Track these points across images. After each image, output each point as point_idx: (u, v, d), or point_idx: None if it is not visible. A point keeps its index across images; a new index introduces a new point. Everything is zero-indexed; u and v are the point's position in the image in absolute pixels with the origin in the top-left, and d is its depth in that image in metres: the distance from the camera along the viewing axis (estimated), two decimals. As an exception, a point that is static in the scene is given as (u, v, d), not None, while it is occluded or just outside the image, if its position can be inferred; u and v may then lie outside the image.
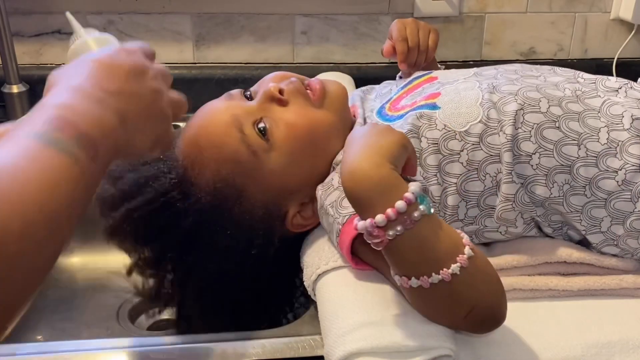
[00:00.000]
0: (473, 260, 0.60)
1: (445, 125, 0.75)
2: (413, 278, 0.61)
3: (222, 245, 0.76)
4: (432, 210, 0.60)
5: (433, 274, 0.59)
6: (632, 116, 0.73)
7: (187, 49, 1.31)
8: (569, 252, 0.74)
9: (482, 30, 1.39)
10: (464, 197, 0.74)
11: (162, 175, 0.76)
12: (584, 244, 0.77)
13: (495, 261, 0.73)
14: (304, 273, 0.78)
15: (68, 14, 0.73)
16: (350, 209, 0.69)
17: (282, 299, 0.85)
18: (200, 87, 1.31)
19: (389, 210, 0.59)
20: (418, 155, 0.74)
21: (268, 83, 0.79)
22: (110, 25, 1.28)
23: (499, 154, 0.73)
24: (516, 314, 0.70)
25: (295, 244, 0.81)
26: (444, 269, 0.59)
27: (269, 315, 0.83)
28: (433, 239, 0.60)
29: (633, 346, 0.66)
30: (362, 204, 0.62)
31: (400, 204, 0.59)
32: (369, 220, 0.60)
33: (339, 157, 0.79)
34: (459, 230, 0.63)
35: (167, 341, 0.73)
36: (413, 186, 0.60)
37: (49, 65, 1.29)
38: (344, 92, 0.84)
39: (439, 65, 1.06)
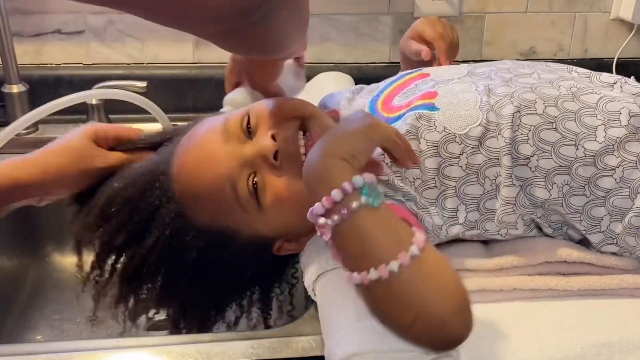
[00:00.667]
0: (419, 261, 0.57)
1: (445, 128, 0.74)
2: (355, 273, 0.58)
3: (210, 270, 0.77)
4: (377, 203, 0.58)
5: (372, 269, 0.57)
6: (629, 112, 0.73)
7: (187, 49, 1.31)
8: (569, 252, 0.74)
9: (482, 30, 1.39)
10: (463, 201, 0.74)
11: (158, 209, 0.76)
12: (584, 243, 0.77)
13: (496, 261, 0.73)
14: (304, 273, 0.78)
15: None
16: None
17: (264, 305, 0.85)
18: (200, 87, 1.31)
19: (324, 199, 0.59)
20: None
21: (267, 127, 0.74)
22: (110, 25, 1.28)
23: (498, 157, 0.73)
24: (516, 314, 0.70)
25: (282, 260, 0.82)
26: (382, 265, 0.56)
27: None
28: (374, 232, 0.58)
29: (633, 346, 0.66)
30: (309, 192, 0.62)
31: (335, 192, 0.58)
32: (310, 209, 0.60)
33: None
34: (415, 229, 0.60)
35: (167, 341, 0.73)
36: (356, 177, 0.59)
37: (49, 65, 1.29)
38: None
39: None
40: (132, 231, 0.76)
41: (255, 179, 0.73)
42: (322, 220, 0.59)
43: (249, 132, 0.75)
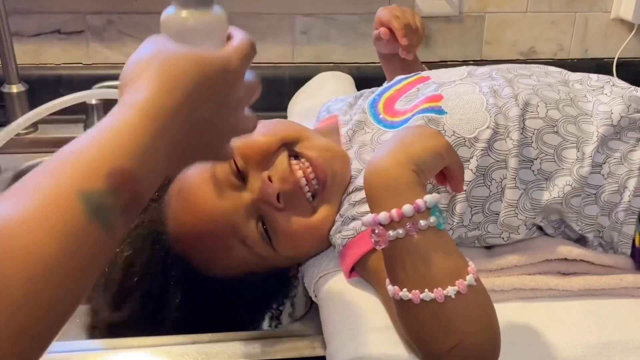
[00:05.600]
0: (473, 290, 0.57)
1: (454, 132, 0.73)
2: (405, 290, 0.58)
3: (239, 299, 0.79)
4: (443, 227, 0.58)
5: (426, 290, 0.57)
6: (619, 113, 0.75)
7: (187, 49, 1.31)
8: (569, 249, 0.74)
9: (482, 30, 1.39)
10: (470, 204, 0.74)
11: (167, 272, 0.75)
12: (581, 243, 0.77)
13: (496, 260, 0.73)
14: (304, 275, 0.78)
15: None
16: (348, 231, 0.72)
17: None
18: (200, 87, 1.31)
19: (394, 211, 0.57)
20: None
21: (258, 164, 0.72)
22: (110, 25, 1.27)
23: (505, 159, 0.73)
24: (516, 314, 0.70)
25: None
26: (439, 289, 0.57)
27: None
28: (435, 254, 0.58)
29: (633, 346, 0.66)
30: (373, 198, 0.61)
31: (407, 208, 0.57)
32: (373, 215, 0.59)
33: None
34: (468, 259, 0.60)
35: (167, 341, 0.73)
36: (429, 196, 0.58)
37: (48, 65, 1.29)
38: (348, 173, 0.77)
39: (423, 66, 1.06)
40: (151, 293, 0.76)
41: (265, 226, 0.72)
42: (381, 229, 0.59)
43: (241, 175, 0.72)
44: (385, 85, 0.90)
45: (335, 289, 0.73)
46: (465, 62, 1.39)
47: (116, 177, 0.41)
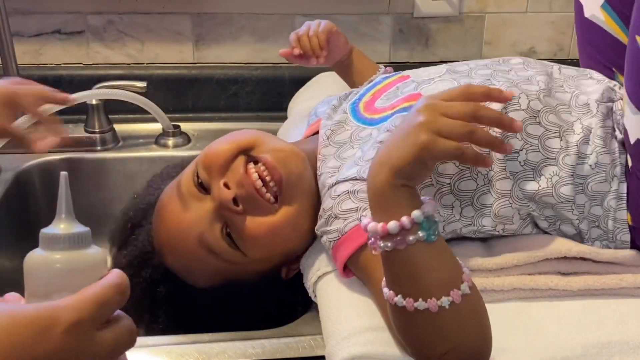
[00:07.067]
0: (467, 299, 0.58)
1: None
2: (400, 296, 0.59)
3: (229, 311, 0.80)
4: (433, 238, 0.58)
5: (420, 299, 0.57)
6: (596, 100, 0.77)
7: (187, 49, 1.31)
8: (568, 247, 0.74)
9: (482, 30, 1.39)
10: (457, 197, 0.74)
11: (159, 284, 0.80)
12: (578, 240, 0.77)
13: (496, 260, 0.73)
14: (304, 274, 0.78)
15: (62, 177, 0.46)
16: (334, 227, 0.72)
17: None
18: (200, 87, 1.31)
19: (380, 226, 0.58)
20: None
21: (216, 175, 0.75)
22: (110, 25, 1.28)
23: (489, 151, 0.73)
24: (516, 314, 0.70)
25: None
26: (433, 299, 0.57)
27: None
28: (427, 266, 0.58)
29: (633, 346, 0.66)
30: (370, 205, 0.62)
31: (392, 225, 0.57)
32: (366, 221, 0.60)
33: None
34: (462, 264, 0.61)
35: (167, 341, 0.73)
36: (416, 212, 0.57)
37: (48, 65, 1.29)
38: (304, 168, 0.79)
39: (379, 66, 1.09)
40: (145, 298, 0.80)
41: (228, 230, 0.74)
42: (374, 240, 0.60)
43: (203, 188, 0.76)
44: (367, 85, 0.91)
45: (334, 288, 0.73)
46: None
47: None
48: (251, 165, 0.76)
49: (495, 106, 0.74)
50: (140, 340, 0.73)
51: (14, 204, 1.09)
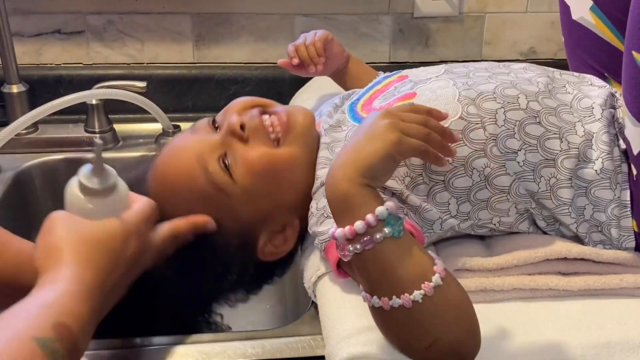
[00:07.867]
0: (440, 290, 0.58)
1: None
2: (375, 297, 0.60)
3: (193, 271, 0.76)
4: (401, 234, 0.59)
5: (394, 297, 0.58)
6: (600, 105, 0.77)
7: (186, 49, 1.31)
8: (568, 247, 0.74)
9: (482, 30, 1.39)
10: (453, 194, 0.74)
11: None
12: (576, 242, 0.77)
13: (496, 260, 0.73)
14: (303, 274, 0.78)
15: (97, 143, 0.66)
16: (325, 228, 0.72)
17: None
18: (200, 87, 1.31)
19: (347, 228, 0.59)
20: None
21: (232, 113, 0.78)
22: (110, 25, 1.28)
23: (484, 148, 0.73)
24: (516, 314, 0.70)
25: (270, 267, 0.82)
26: (406, 294, 0.58)
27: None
28: (397, 262, 0.59)
29: (633, 346, 0.66)
30: (332, 213, 0.63)
31: (358, 225, 0.58)
32: (332, 231, 0.61)
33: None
34: (434, 256, 0.61)
35: (167, 341, 0.73)
36: (380, 209, 0.58)
37: (48, 65, 1.29)
38: (311, 123, 0.82)
39: (379, 73, 1.09)
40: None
41: (226, 158, 0.75)
42: (342, 243, 0.60)
43: (216, 127, 0.79)
44: (367, 85, 0.92)
45: (333, 288, 0.73)
46: (465, 63, 1.39)
47: (59, 329, 0.52)
48: (266, 116, 0.79)
49: (490, 105, 0.74)
50: (140, 340, 0.73)
51: (14, 204, 1.09)
